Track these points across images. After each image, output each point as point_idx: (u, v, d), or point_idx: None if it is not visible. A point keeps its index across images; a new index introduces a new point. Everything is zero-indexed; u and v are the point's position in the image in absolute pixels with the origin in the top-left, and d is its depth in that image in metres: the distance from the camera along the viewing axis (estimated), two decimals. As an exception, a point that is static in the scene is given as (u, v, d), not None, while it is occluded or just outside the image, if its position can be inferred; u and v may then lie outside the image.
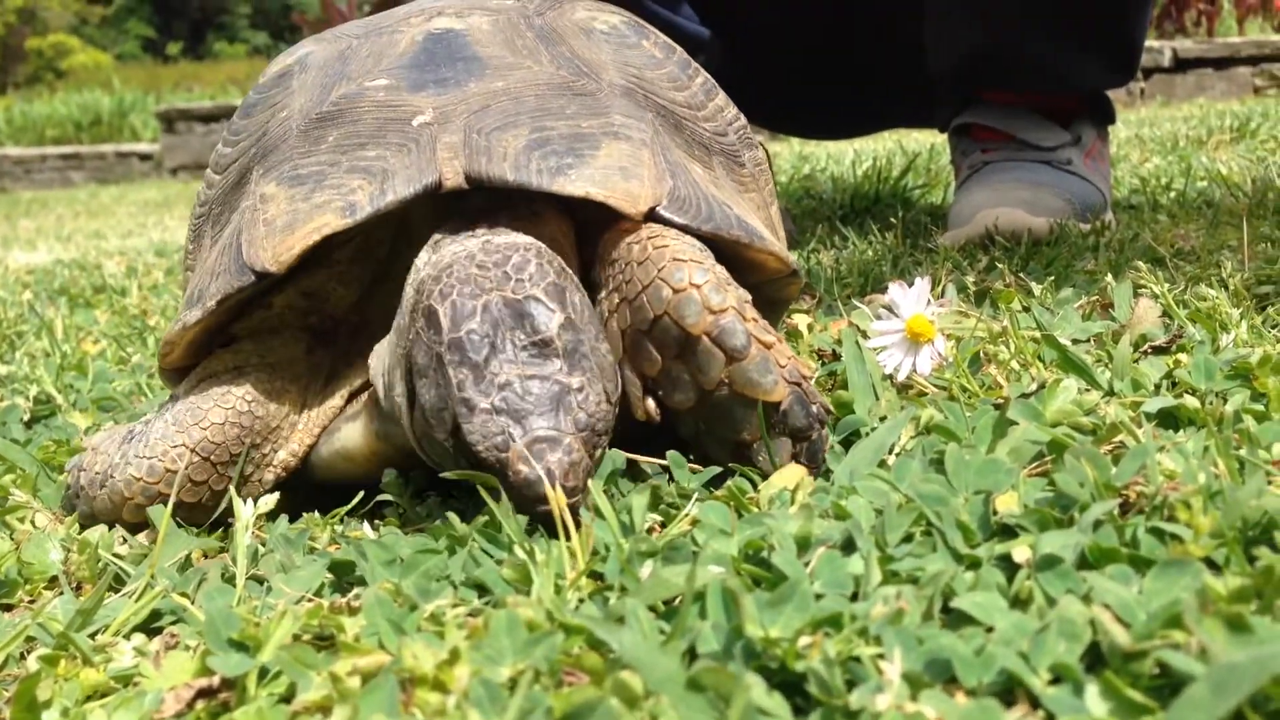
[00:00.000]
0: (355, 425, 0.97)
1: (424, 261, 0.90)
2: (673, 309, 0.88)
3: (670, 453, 0.90)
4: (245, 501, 0.88)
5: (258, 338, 1.00)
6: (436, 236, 0.92)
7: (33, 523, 1.01)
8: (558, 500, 0.77)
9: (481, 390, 0.81)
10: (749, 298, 0.91)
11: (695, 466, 0.90)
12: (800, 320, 1.36)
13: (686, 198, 0.96)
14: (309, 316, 1.01)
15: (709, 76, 1.17)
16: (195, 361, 1.01)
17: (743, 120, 1.19)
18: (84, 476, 0.98)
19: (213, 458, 0.94)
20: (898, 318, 1.03)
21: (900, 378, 1.02)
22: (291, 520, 0.94)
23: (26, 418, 1.46)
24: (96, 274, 3.09)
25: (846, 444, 0.95)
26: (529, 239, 0.89)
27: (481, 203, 0.94)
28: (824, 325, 1.40)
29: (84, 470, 0.99)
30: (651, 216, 0.93)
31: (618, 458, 0.90)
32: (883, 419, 0.98)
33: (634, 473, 0.92)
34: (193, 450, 0.93)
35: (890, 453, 0.90)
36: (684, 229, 0.94)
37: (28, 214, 7.15)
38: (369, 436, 0.96)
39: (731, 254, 0.98)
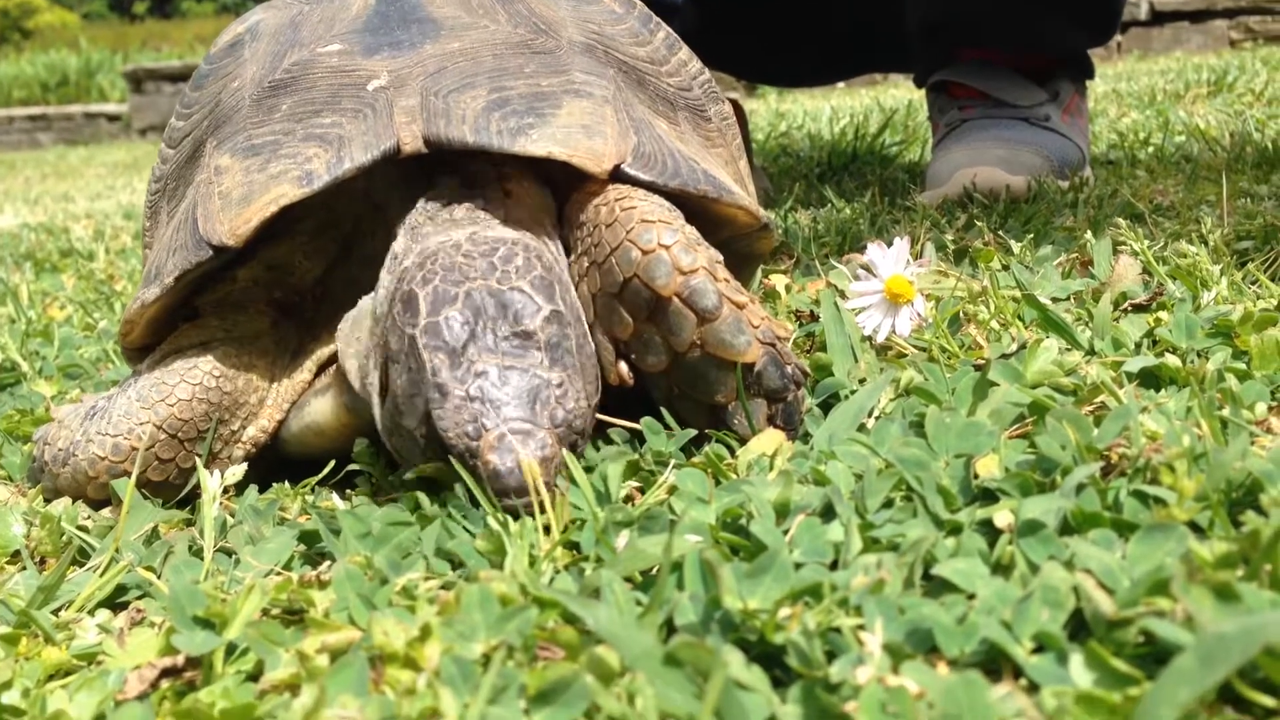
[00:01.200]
0: (325, 399, 0.95)
1: (404, 249, 0.88)
2: (642, 271, 0.86)
3: (645, 419, 0.88)
4: (212, 473, 0.86)
5: (222, 312, 0.97)
6: (417, 222, 0.89)
7: (-7, 496, 0.99)
8: (534, 491, 0.74)
9: (457, 377, 0.78)
10: (720, 258, 0.89)
11: (672, 430, 0.89)
12: (778, 281, 1.34)
13: (651, 154, 0.94)
14: (273, 290, 0.99)
15: (671, 31, 1.14)
16: (158, 339, 0.98)
17: (707, 74, 1.16)
18: (48, 451, 0.96)
19: (180, 435, 0.92)
20: (876, 278, 1.01)
21: (879, 339, 1.01)
22: (261, 491, 0.92)
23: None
24: (64, 238, 3.05)
25: (825, 407, 0.94)
26: (518, 233, 0.87)
27: (452, 181, 0.92)
28: (802, 285, 1.38)
29: (48, 444, 0.96)
30: (617, 175, 0.91)
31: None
32: (862, 381, 0.97)
33: (608, 439, 0.90)
34: (159, 428, 0.91)
35: (870, 416, 0.89)
36: (650, 186, 0.91)
37: (-5, 177, 7.05)
38: (339, 410, 0.94)
39: (700, 210, 0.97)
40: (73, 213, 4.01)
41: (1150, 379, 0.91)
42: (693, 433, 0.87)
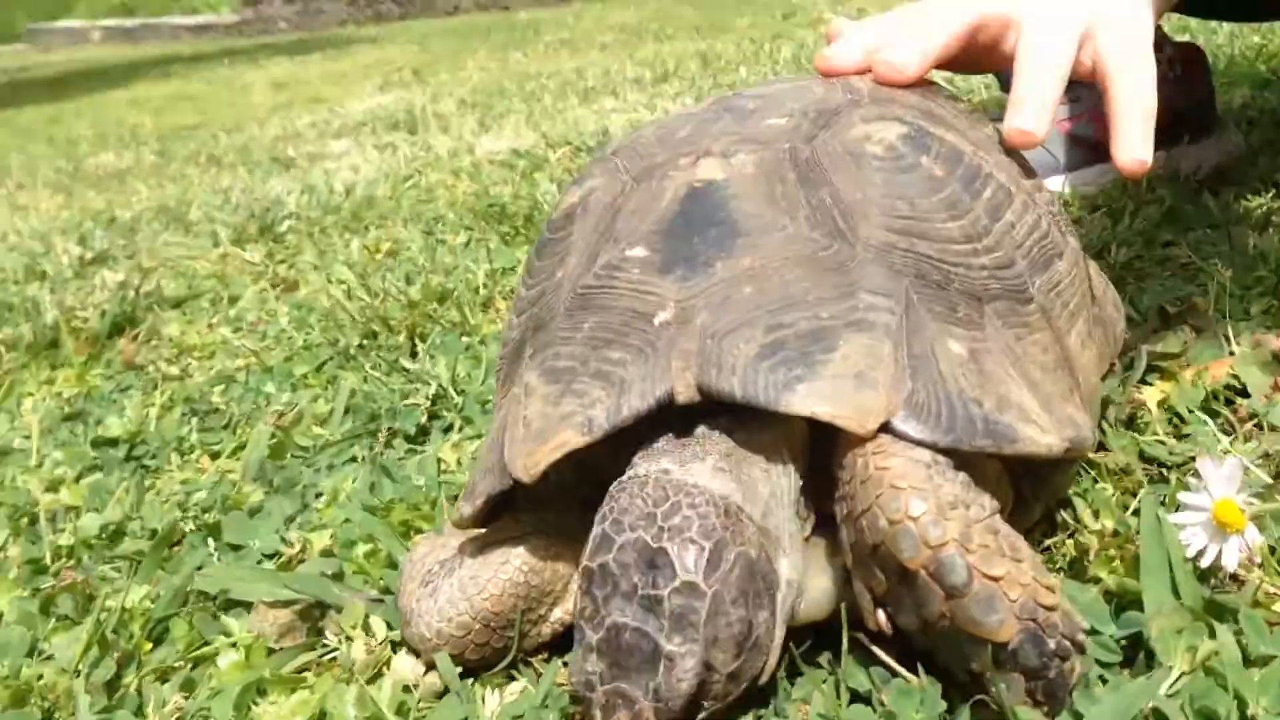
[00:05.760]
0: None
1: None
2: (889, 540, 0.83)
3: (895, 683, 0.85)
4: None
5: (533, 508, 1.06)
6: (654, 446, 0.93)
7: (365, 629, 1.13)
8: None
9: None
10: (981, 517, 0.83)
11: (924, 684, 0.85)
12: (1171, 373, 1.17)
13: (924, 404, 0.88)
14: (580, 487, 1.05)
15: (1007, 180, 1.03)
16: (489, 523, 1.09)
17: (1046, 224, 1.04)
18: (399, 599, 1.09)
19: (492, 624, 1.02)
20: (1206, 493, 0.89)
21: (1203, 564, 0.89)
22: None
23: (424, 419, 1.60)
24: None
25: (1129, 654, 0.85)
26: (702, 481, 0.87)
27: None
28: (1203, 366, 1.22)
29: (399, 591, 1.10)
30: (885, 428, 0.87)
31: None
32: (1179, 632, 0.85)
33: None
34: (474, 619, 1.02)
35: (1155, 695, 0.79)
36: (918, 443, 0.86)
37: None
38: None
39: None
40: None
41: None
42: (942, 705, 0.83)
